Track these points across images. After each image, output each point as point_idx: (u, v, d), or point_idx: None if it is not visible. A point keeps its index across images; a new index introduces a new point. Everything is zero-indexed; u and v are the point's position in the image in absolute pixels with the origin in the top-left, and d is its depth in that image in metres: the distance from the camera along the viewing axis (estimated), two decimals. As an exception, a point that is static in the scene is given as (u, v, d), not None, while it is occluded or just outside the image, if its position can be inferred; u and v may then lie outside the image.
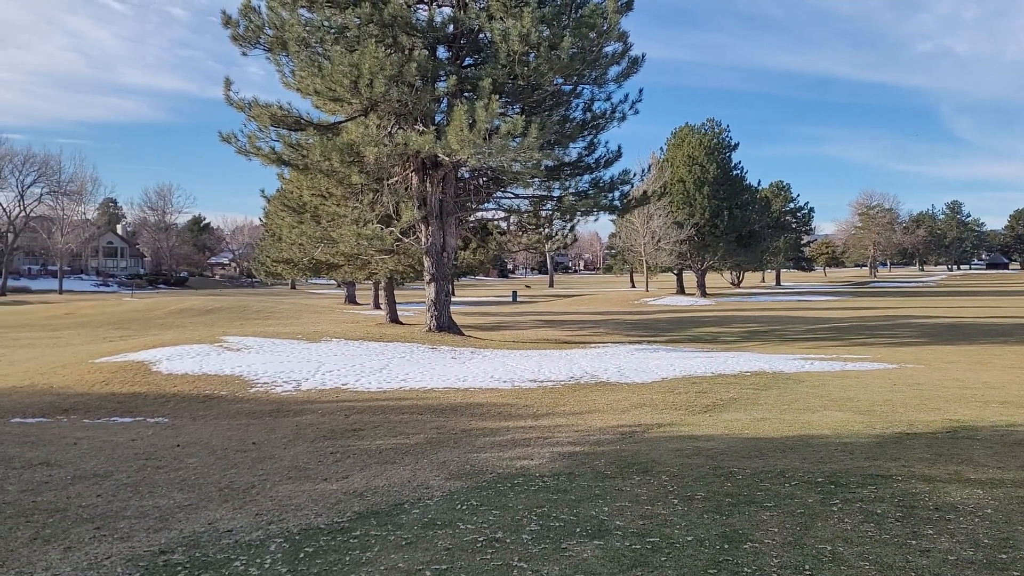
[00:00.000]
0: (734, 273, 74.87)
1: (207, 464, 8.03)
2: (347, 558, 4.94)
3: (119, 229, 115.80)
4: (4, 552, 5.25)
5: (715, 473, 7.00)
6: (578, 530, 5.39)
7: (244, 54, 21.38)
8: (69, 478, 7.44)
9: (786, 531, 5.30)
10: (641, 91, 23.37)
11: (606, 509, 5.89)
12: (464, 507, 6.07)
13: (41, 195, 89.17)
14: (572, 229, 25.81)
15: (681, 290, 59.98)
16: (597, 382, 14.07)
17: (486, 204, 25.68)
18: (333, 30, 20.46)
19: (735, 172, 57.58)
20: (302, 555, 5.03)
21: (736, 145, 58.10)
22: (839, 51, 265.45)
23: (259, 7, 20.84)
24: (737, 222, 55.09)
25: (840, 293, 63.96)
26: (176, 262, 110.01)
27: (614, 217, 37.37)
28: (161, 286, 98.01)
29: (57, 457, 8.43)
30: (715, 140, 56.75)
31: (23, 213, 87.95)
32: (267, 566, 4.84)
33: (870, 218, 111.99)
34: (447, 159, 20.06)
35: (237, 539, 5.42)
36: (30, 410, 11.83)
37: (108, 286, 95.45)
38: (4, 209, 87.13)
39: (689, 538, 5.15)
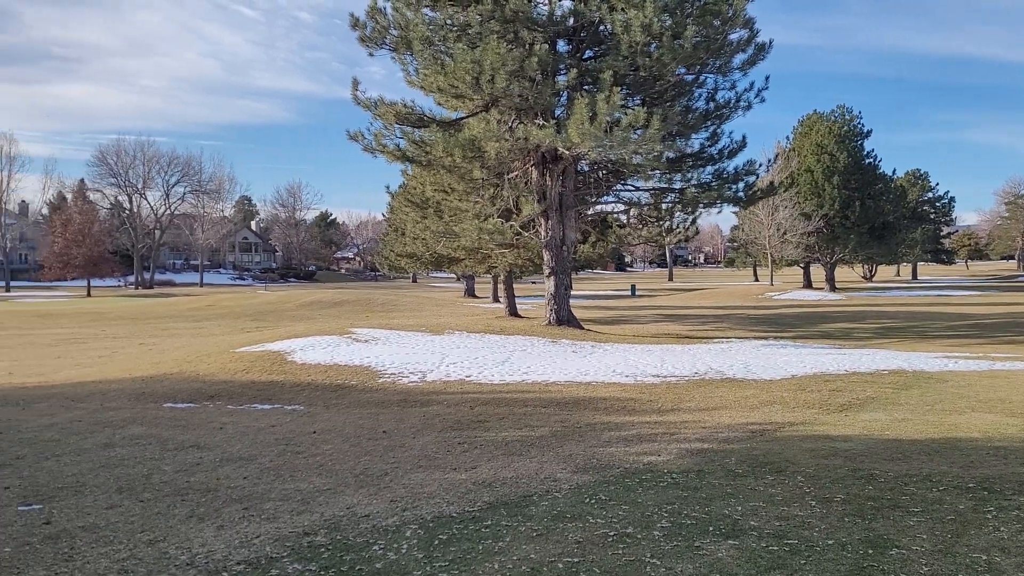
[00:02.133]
0: (866, 267, 71.53)
1: (342, 451, 8.35)
2: (480, 547, 5.03)
3: (253, 225, 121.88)
4: (165, 528, 5.63)
5: (854, 475, 6.72)
6: (711, 529, 5.29)
7: (371, 55, 22.07)
8: (218, 460, 7.90)
9: (935, 538, 5.03)
10: (768, 78, 22.67)
11: (739, 508, 5.75)
12: (593, 501, 6.07)
13: (184, 194, 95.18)
14: (694, 222, 25.31)
15: (808, 284, 57.81)
16: (723, 378, 13.75)
17: (606, 197, 25.57)
18: (455, 28, 20.81)
19: (867, 161, 54.99)
20: (436, 542, 5.15)
21: (868, 132, 55.49)
22: (982, 30, 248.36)
23: (385, 8, 21.45)
24: (870, 213, 52.59)
25: (984, 288, 60.01)
26: (305, 256, 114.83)
27: (737, 209, 36.35)
28: (291, 279, 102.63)
29: (206, 440, 8.97)
30: (845, 127, 54.34)
31: (168, 211, 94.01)
32: (404, 551, 4.99)
33: (1018, 207, 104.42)
34: (567, 152, 20.05)
35: (374, 524, 5.61)
36: (180, 396, 12.63)
37: (243, 279, 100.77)
38: (152, 207, 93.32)
39: (830, 542, 4.96)
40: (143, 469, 7.53)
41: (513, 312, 32.51)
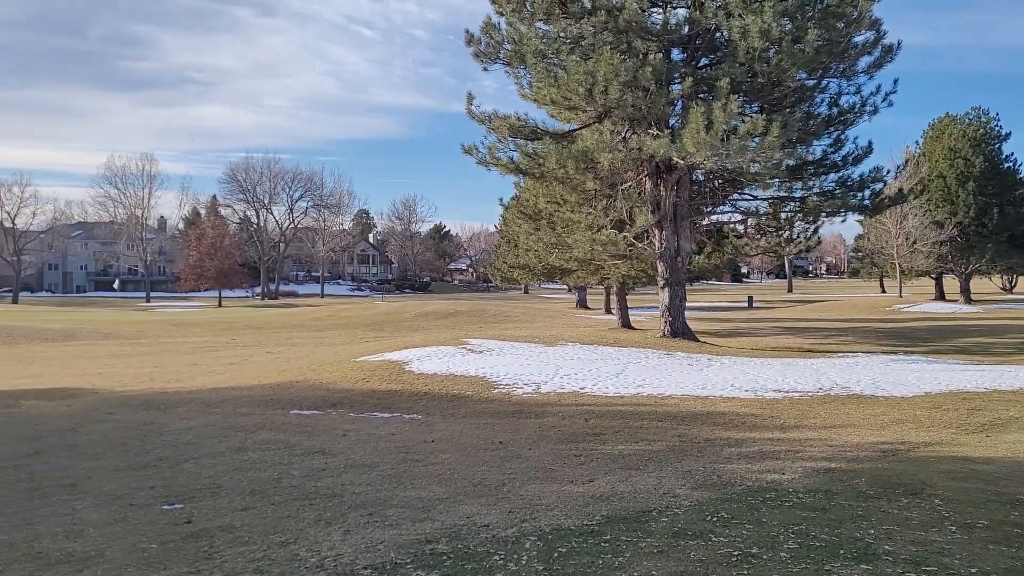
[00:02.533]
0: (1005, 277, 67.09)
1: (459, 460, 8.47)
2: (599, 561, 4.99)
3: (371, 238, 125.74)
4: (295, 530, 5.87)
5: (998, 500, 6.30)
6: (841, 552, 5.07)
7: (485, 69, 22.44)
8: (342, 466, 8.17)
9: (1094, 572, 4.65)
10: (896, 81, 21.71)
11: (871, 532, 5.49)
12: (714, 519, 5.93)
13: (306, 208, 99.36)
14: (816, 231, 24.43)
15: (941, 296, 54.68)
16: (849, 394, 13.18)
17: (722, 207, 25.03)
18: (568, 40, 20.89)
19: (1006, 165, 51.65)
20: (556, 555, 5.15)
21: (1007, 135, 52.08)
22: None
23: (499, 24, 21.77)
24: (1009, 220, 49.32)
25: None
26: (419, 268, 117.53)
27: (862, 218, 34.84)
28: (407, 290, 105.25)
29: (330, 447, 9.29)
30: (981, 130, 51.22)
31: (292, 225, 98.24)
32: (524, 563, 5.01)
33: None
34: (682, 162, 19.76)
35: (494, 534, 5.66)
36: (305, 403, 13.15)
37: (361, 290, 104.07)
38: (277, 221, 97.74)
39: (972, 570, 4.67)
40: (273, 473, 7.87)
41: (626, 324, 32.22)
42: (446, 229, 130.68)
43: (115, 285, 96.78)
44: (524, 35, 20.78)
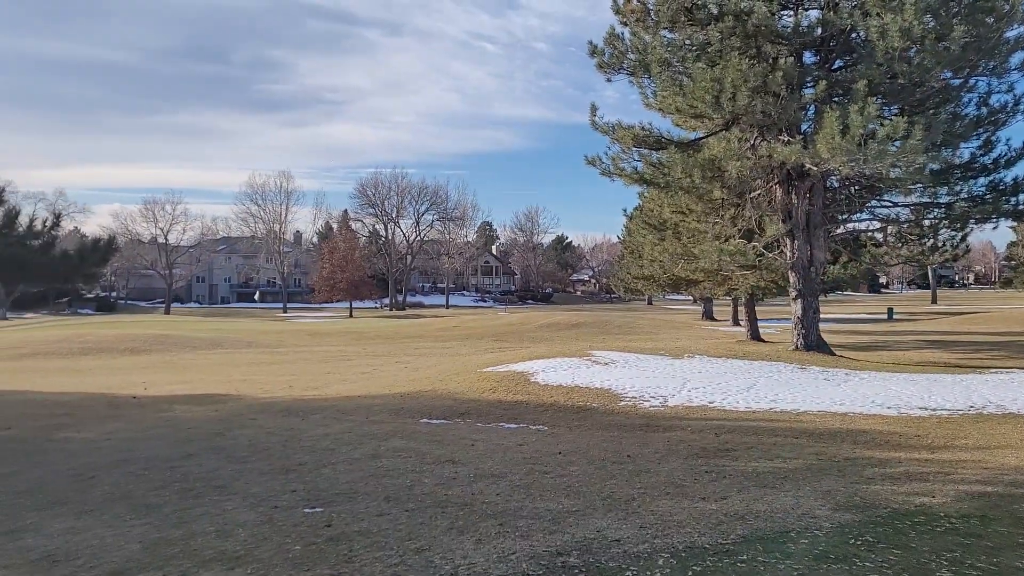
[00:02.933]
0: None
1: (587, 473, 8.43)
2: (737, 582, 4.85)
3: (494, 249, 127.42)
4: (429, 538, 5.99)
5: None
6: (1003, 584, 4.72)
7: (608, 80, 22.36)
8: (471, 476, 8.29)
9: None
10: (1054, 77, 20.12)
11: (1037, 563, 5.09)
12: (859, 542, 5.64)
13: (432, 221, 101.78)
14: (964, 239, 22.95)
15: (1105, 307, 50.24)
16: (1005, 413, 12.28)
17: (858, 214, 23.90)
18: (694, 47, 20.56)
19: None
20: (690, 573, 5.04)
21: None
22: None
23: (622, 34, 21.67)
24: None
25: None
26: (542, 279, 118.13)
27: (1015, 224, 32.47)
28: (529, 301, 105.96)
29: (459, 456, 9.45)
30: None
31: (418, 237, 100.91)
32: (658, 580, 4.93)
33: None
34: (815, 169, 19.02)
35: (625, 549, 5.60)
36: (434, 412, 13.43)
37: (485, 301, 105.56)
38: (404, 234, 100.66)
39: None
40: (406, 480, 8.07)
41: (755, 336, 31.26)
42: (568, 240, 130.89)
43: (255, 296, 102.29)
44: (648, 44, 20.60)
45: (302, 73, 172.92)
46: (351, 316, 74.23)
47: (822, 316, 24.02)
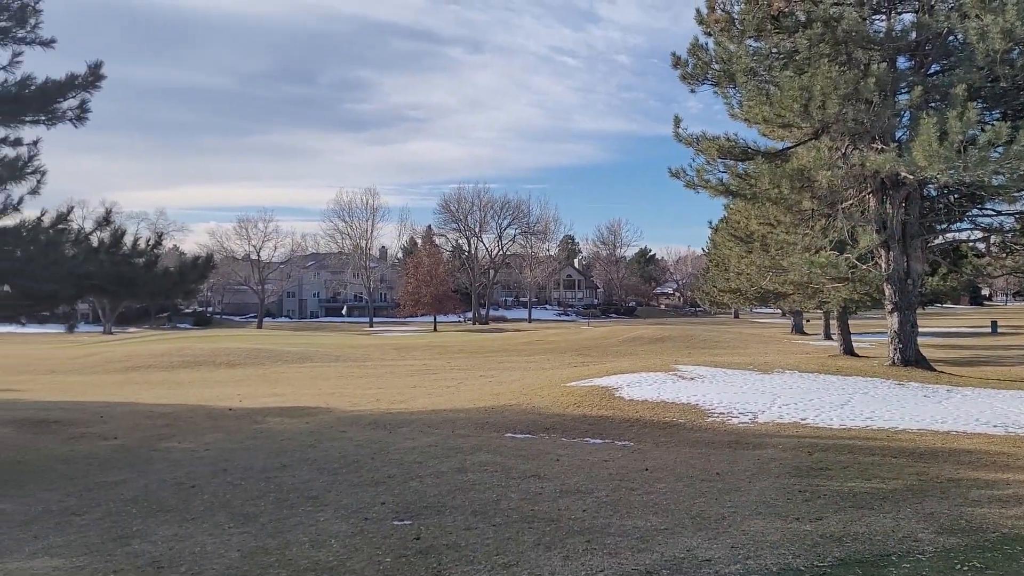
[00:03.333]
0: None
1: (675, 490, 8.31)
2: (835, 607, 4.70)
3: (576, 263, 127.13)
4: (516, 553, 6.01)
5: None
6: None
7: (692, 91, 22.09)
8: (557, 491, 8.28)
9: None
10: None
11: None
12: (965, 568, 5.40)
13: (514, 236, 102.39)
14: (1074, 248, 21.71)
15: None
16: (1124, 434, 11.54)
17: (958, 224, 22.88)
18: (781, 56, 20.14)
19: None
20: (786, 596, 4.91)
21: None
22: None
23: (706, 44, 21.38)
24: None
25: None
26: (625, 292, 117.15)
27: None
28: (612, 315, 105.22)
29: (545, 471, 9.45)
30: None
31: (501, 252, 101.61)
32: (751, 602, 4.81)
33: None
34: (911, 177, 18.31)
35: (717, 570, 5.49)
36: (519, 426, 13.47)
37: (567, 315, 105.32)
38: (487, 249, 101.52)
39: None
40: (492, 495, 8.12)
41: (849, 351, 30.21)
42: (651, 253, 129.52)
43: (343, 311, 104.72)
44: (733, 54, 20.26)
45: (386, 92, 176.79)
46: (435, 330, 75.18)
47: (920, 330, 23.06)
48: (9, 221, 11.21)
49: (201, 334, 64.35)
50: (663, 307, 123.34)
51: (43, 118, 11.51)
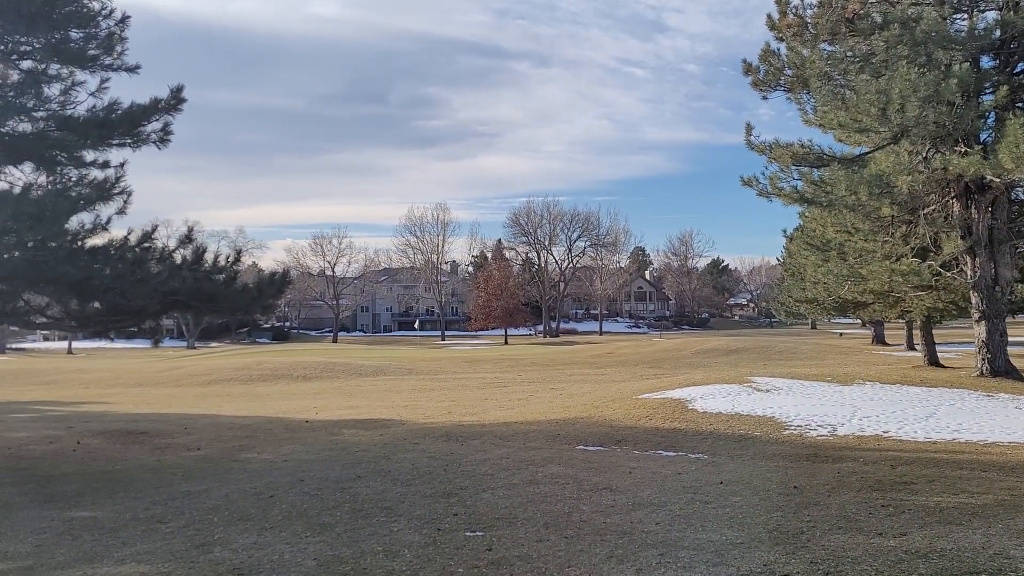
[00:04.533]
0: None
1: (751, 504, 8.13)
2: (921, 626, 4.52)
3: (647, 275, 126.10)
4: (588, 565, 5.97)
5: None
6: None
7: (764, 98, 21.78)
8: (629, 504, 8.19)
9: None
10: None
11: None
12: (1062, 588, 5.13)
13: (584, 248, 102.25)
14: None
15: None
16: None
17: (1050, 228, 21.86)
18: (856, 59, 19.63)
19: None
20: (868, 614, 4.75)
21: None
22: None
23: (778, 50, 21.04)
24: None
25: None
26: (697, 304, 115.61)
27: None
28: (685, 327, 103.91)
29: (617, 484, 9.37)
30: None
31: (570, 264, 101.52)
32: (832, 619, 4.67)
33: None
34: (997, 180, 17.61)
35: (796, 585, 5.35)
36: (590, 439, 13.39)
37: (639, 327, 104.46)
38: (556, 262, 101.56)
39: None
40: (564, 507, 8.09)
41: (933, 361, 29.11)
42: (724, 263, 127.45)
43: (415, 324, 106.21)
44: (807, 58, 19.86)
45: (455, 108, 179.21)
46: (506, 343, 75.45)
47: (1010, 339, 22.09)
48: (98, 240, 11.75)
49: (279, 348, 66.08)
50: (737, 318, 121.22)
51: (128, 141, 12.05)
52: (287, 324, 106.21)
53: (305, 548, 6.68)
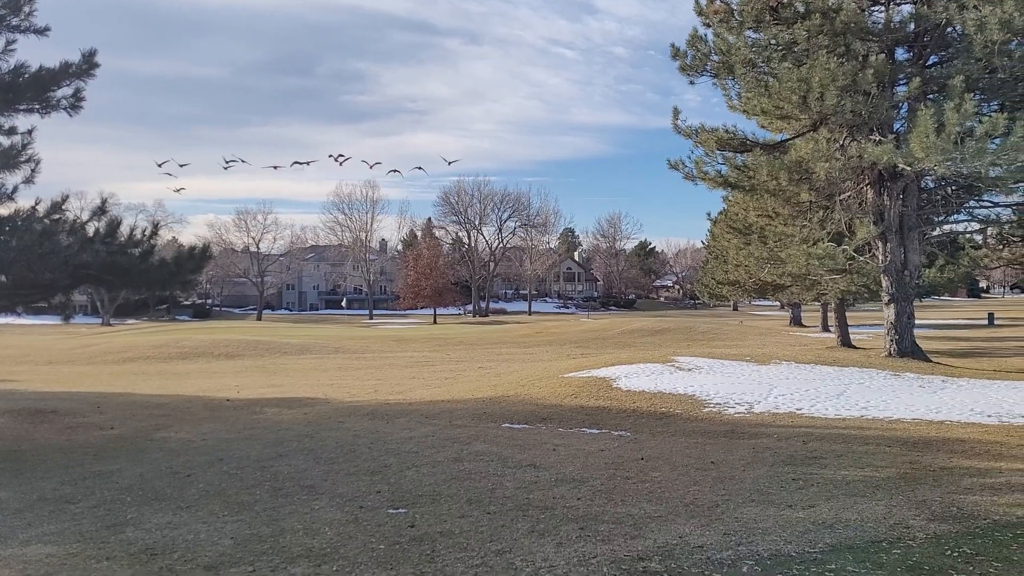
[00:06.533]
0: None
1: (670, 479, 8.35)
2: (824, 591, 4.73)
3: (576, 256, 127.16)
4: (510, 540, 6.05)
5: None
6: (1114, 601, 4.47)
7: (691, 83, 22.09)
8: (553, 480, 8.31)
9: None
10: None
11: None
12: (955, 554, 5.43)
13: (514, 228, 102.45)
14: (1072, 240, 21.74)
15: None
16: (1118, 423, 11.59)
17: (956, 215, 22.92)
18: (780, 47, 20.09)
19: None
20: (776, 581, 4.94)
21: None
22: None
23: (705, 35, 21.35)
24: None
25: None
26: (624, 285, 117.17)
27: None
28: (612, 308, 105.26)
29: (541, 460, 9.48)
30: None
31: (501, 244, 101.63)
32: (741, 587, 4.85)
33: None
34: (908, 169, 18.32)
35: (709, 556, 5.53)
36: (516, 417, 13.50)
37: (567, 308, 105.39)
38: (487, 242, 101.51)
39: None
40: (488, 484, 8.16)
41: (846, 342, 30.28)
42: (651, 246, 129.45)
43: (343, 303, 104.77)
44: (732, 45, 20.23)
45: (385, 84, 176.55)
46: (435, 322, 75.23)
47: (917, 321, 23.12)
48: (3, 210, 11.21)
49: (200, 326, 64.40)
50: (663, 300, 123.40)
51: (37, 107, 11.49)
52: (209, 301, 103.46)
53: (222, 527, 6.58)
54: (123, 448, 11.00)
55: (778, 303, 60.08)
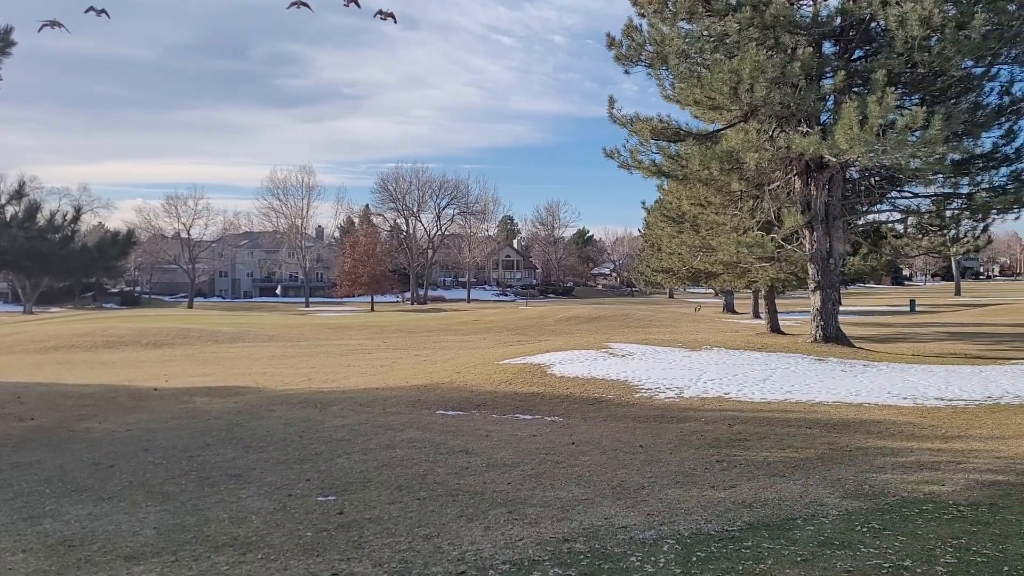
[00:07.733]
0: None
1: (599, 463, 8.50)
2: (739, 567, 4.90)
3: (515, 244, 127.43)
4: (438, 525, 6.09)
5: None
6: (1005, 569, 4.74)
7: (626, 72, 22.31)
8: (484, 466, 8.38)
9: None
10: (1079, 64, 19.81)
11: (1042, 550, 5.09)
12: (864, 529, 5.68)
13: (453, 216, 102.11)
14: (985, 230, 22.66)
15: None
16: (1022, 403, 12.18)
17: (879, 205, 23.70)
18: (712, 39, 20.43)
19: None
20: (694, 559, 5.10)
21: None
22: None
23: (640, 26, 21.58)
24: None
25: None
26: (563, 273, 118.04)
27: (1040, 214, 31.95)
28: (550, 295, 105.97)
29: (473, 446, 9.55)
30: None
31: (439, 232, 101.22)
32: (661, 565, 4.99)
33: None
34: (834, 160, 18.90)
35: (632, 536, 5.66)
36: (450, 404, 13.53)
37: (506, 296, 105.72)
38: (425, 229, 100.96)
39: None
40: (419, 470, 8.19)
41: (775, 328, 31.12)
42: (589, 234, 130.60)
43: (278, 291, 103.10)
44: (666, 36, 20.51)
45: (319, 67, 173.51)
46: (372, 310, 74.57)
47: (843, 308, 23.90)
48: (-87, 193, 10.75)
49: (128, 314, 62.60)
50: (600, 287, 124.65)
51: (-51, 86, 11.02)
52: (138, 289, 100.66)
53: (145, 518, 6.47)
54: (44, 439, 10.68)
55: (712, 290, 61.28)
